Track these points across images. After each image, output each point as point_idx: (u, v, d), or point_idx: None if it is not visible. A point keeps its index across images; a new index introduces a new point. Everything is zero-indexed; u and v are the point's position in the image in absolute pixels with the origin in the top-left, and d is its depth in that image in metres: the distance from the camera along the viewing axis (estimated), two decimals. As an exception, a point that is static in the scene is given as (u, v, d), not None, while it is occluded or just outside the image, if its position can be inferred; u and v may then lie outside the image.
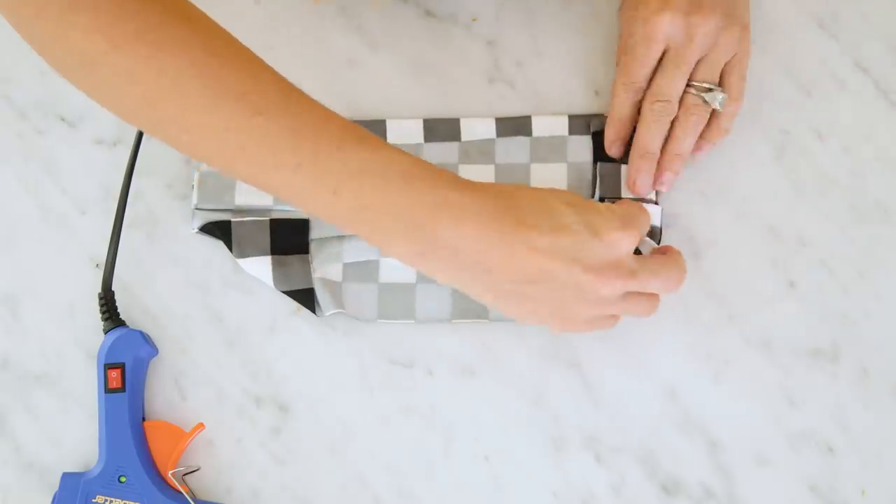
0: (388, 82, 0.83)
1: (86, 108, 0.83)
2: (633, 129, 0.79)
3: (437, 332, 0.79)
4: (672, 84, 0.77)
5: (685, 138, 0.78)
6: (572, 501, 0.76)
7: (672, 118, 0.78)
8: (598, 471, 0.76)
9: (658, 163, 0.78)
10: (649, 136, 0.77)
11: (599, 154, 0.80)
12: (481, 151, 0.81)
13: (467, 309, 0.78)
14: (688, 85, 0.77)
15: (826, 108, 0.82)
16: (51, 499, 0.75)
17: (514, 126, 0.81)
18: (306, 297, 0.78)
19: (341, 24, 0.84)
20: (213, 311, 0.79)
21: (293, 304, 0.79)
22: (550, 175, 0.80)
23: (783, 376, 0.77)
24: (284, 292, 0.79)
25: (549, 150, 0.81)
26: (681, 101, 0.78)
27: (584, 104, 0.82)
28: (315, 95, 0.83)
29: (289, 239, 0.79)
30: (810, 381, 0.77)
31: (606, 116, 0.80)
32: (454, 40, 0.84)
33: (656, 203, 0.79)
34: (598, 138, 0.81)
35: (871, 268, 0.79)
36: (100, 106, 0.65)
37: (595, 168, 0.80)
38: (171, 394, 0.78)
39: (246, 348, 0.79)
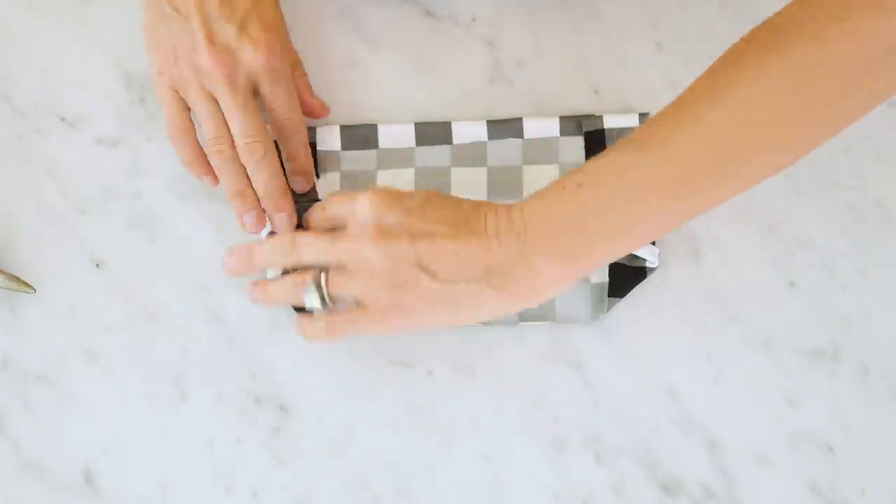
0: (388, 82, 0.83)
1: (86, 108, 0.83)
2: None
3: (437, 332, 0.79)
4: (304, 247, 0.72)
5: (276, 293, 0.75)
6: (572, 501, 0.76)
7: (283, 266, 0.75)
8: (598, 471, 0.76)
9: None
10: (261, 252, 0.75)
11: (592, 155, 0.80)
12: (473, 154, 0.81)
13: None
14: None
15: (826, 108, 0.82)
16: None
17: (506, 128, 0.81)
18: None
19: (341, 23, 0.84)
20: (213, 311, 0.79)
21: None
22: (543, 176, 0.80)
23: (783, 376, 0.77)
24: None
25: (541, 151, 0.81)
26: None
27: (584, 104, 0.82)
28: (315, 94, 0.83)
29: None
30: (810, 381, 0.77)
31: (599, 116, 0.80)
32: (454, 40, 0.84)
33: (653, 243, 0.79)
34: (590, 138, 0.81)
35: (871, 268, 0.79)
36: None
37: None
38: (172, 393, 0.78)
39: (246, 348, 0.79)
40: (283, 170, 0.78)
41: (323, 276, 0.71)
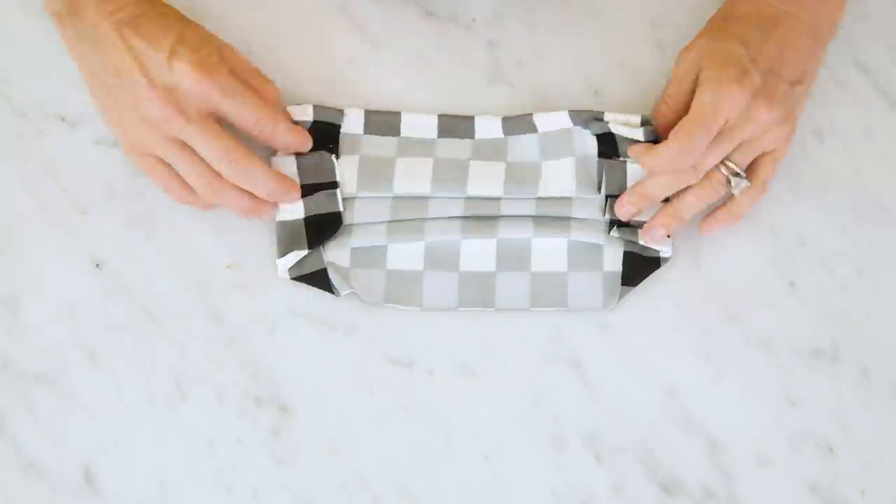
0: (388, 82, 0.83)
1: (86, 108, 0.83)
2: None
3: (437, 332, 0.79)
4: (709, 157, 0.76)
5: (693, 206, 0.78)
6: (572, 501, 0.76)
7: (689, 185, 0.77)
8: (598, 471, 0.76)
9: (656, 214, 0.78)
10: (658, 187, 0.77)
11: (603, 150, 0.80)
12: (494, 149, 0.81)
13: (473, 297, 0.78)
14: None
15: (826, 108, 0.82)
16: None
17: (518, 123, 0.81)
18: (321, 279, 0.78)
19: (342, 23, 0.84)
20: (213, 311, 0.79)
21: (292, 304, 0.79)
22: (560, 171, 0.80)
23: (783, 376, 0.77)
24: (298, 278, 0.79)
25: (557, 144, 0.81)
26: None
27: (584, 104, 0.82)
28: (315, 94, 0.83)
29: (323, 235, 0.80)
30: (810, 381, 0.77)
31: (601, 114, 0.80)
32: (454, 40, 0.84)
33: (668, 236, 0.79)
34: (600, 137, 0.80)
35: (871, 268, 0.79)
36: None
37: (600, 165, 0.80)
38: (172, 393, 0.78)
39: (246, 348, 0.79)
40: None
41: (730, 163, 0.77)
